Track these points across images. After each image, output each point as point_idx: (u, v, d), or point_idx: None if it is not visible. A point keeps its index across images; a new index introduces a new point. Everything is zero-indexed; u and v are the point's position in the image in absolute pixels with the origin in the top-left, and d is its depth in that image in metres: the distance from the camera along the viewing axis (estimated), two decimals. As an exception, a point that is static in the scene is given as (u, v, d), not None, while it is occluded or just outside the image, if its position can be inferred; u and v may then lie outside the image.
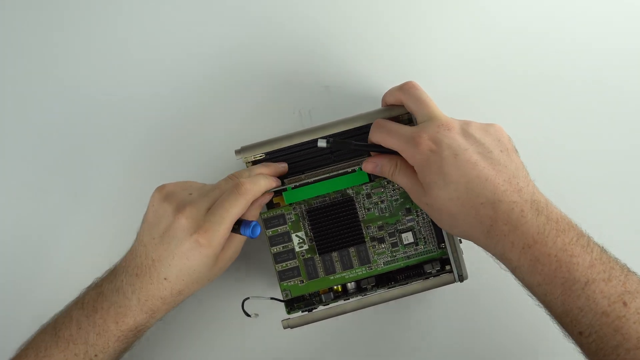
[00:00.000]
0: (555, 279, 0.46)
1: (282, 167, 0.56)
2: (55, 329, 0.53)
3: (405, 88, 0.54)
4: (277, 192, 0.57)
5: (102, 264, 0.56)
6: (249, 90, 0.63)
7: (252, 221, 0.53)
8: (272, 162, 0.57)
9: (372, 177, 0.56)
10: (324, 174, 0.56)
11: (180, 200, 0.52)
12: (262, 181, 0.54)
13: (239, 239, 0.54)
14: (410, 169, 0.52)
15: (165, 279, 0.51)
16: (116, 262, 0.55)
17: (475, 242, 0.50)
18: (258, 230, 0.52)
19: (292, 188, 0.56)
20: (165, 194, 0.53)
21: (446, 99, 0.61)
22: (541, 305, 0.49)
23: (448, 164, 0.48)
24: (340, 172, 0.56)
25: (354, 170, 0.56)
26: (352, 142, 0.54)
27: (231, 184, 0.53)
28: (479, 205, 0.48)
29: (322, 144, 0.54)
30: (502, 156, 0.49)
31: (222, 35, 0.63)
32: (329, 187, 0.56)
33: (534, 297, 0.49)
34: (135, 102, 0.63)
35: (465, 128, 0.50)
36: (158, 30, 0.64)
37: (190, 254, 0.51)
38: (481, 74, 0.63)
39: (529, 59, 0.63)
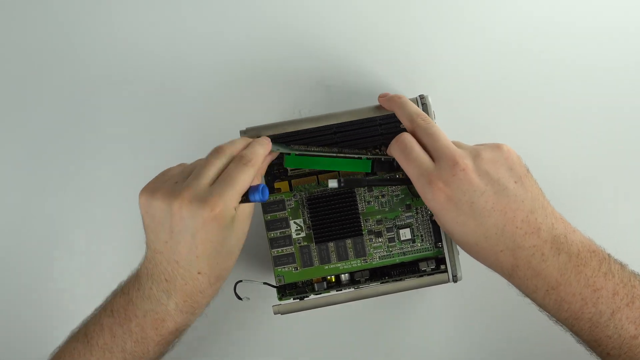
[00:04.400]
0: (582, 315, 0.47)
1: (268, 142, 0.54)
2: (87, 337, 0.52)
3: (416, 121, 0.52)
4: (279, 177, 0.57)
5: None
6: (249, 89, 0.63)
7: (260, 184, 0.50)
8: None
9: (374, 170, 0.56)
10: (331, 152, 0.55)
11: (168, 192, 0.49)
12: (260, 149, 0.52)
13: (249, 204, 0.52)
14: None
15: (198, 273, 0.49)
16: (137, 267, 0.53)
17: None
18: (267, 192, 0.50)
19: (296, 155, 0.55)
20: (149, 193, 0.49)
21: (447, 98, 0.61)
22: (567, 330, 0.50)
23: (464, 214, 0.48)
24: (347, 155, 0.55)
25: (360, 158, 0.55)
26: (364, 179, 0.54)
27: (230, 157, 0.51)
28: (498, 252, 0.48)
29: (333, 184, 0.53)
30: (518, 189, 0.48)
31: (222, 35, 0.63)
32: (330, 165, 0.55)
33: (559, 324, 0.50)
34: (136, 99, 0.64)
35: (478, 164, 0.48)
36: (156, 29, 0.63)
37: (209, 235, 0.48)
38: (481, 74, 0.63)
39: (529, 59, 0.63)
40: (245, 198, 0.50)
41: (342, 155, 0.55)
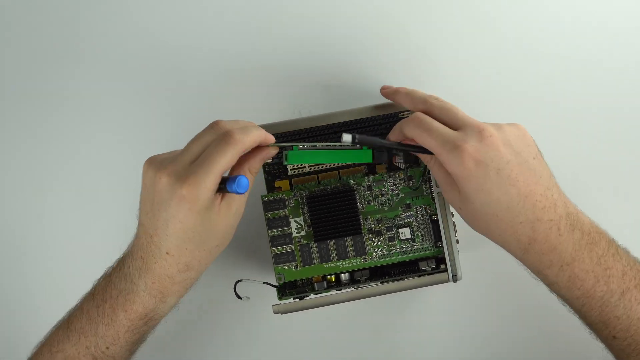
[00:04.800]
0: (594, 294, 0.48)
1: (272, 138, 0.52)
2: (67, 323, 0.52)
3: (429, 101, 0.51)
4: (280, 176, 0.57)
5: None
6: (249, 89, 0.63)
7: (238, 175, 0.48)
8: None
9: (374, 159, 0.54)
10: (330, 145, 0.54)
11: (160, 162, 0.48)
12: (255, 131, 0.49)
13: (238, 198, 0.50)
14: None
15: (167, 253, 0.48)
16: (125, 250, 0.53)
17: (508, 252, 0.50)
18: (244, 183, 0.47)
19: (300, 149, 0.52)
20: (149, 162, 0.49)
21: (447, 98, 0.61)
22: (573, 313, 0.50)
23: (490, 181, 0.47)
24: (348, 146, 0.53)
25: (360, 148, 0.53)
26: (379, 140, 0.51)
27: (218, 134, 0.48)
28: (517, 224, 0.48)
29: (347, 138, 0.49)
30: (536, 164, 0.48)
31: (222, 35, 0.63)
32: (331, 157, 0.53)
33: (567, 306, 0.50)
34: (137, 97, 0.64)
35: (502, 135, 0.48)
36: (156, 29, 0.64)
37: (180, 214, 0.46)
38: (482, 74, 0.63)
39: (529, 59, 0.63)
40: (223, 186, 0.48)
41: (342, 146, 0.53)
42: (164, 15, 0.64)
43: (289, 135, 0.56)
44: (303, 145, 0.52)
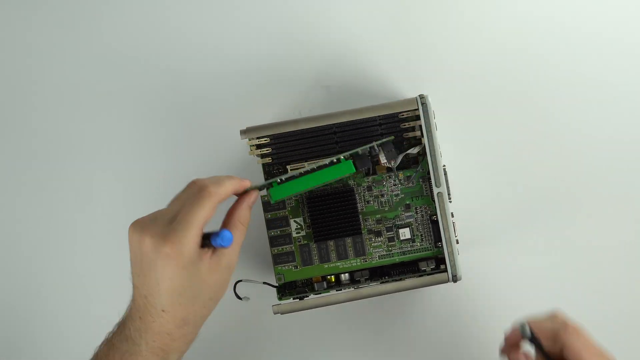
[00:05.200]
0: None
1: (247, 182, 0.53)
2: None
3: (567, 333, 0.50)
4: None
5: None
6: (249, 89, 0.63)
7: (223, 229, 0.50)
8: (275, 146, 0.57)
9: (357, 167, 0.54)
10: (309, 166, 0.54)
11: (142, 224, 0.49)
12: (227, 182, 0.50)
13: (227, 252, 0.51)
14: None
15: (162, 310, 0.48)
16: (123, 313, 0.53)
17: None
18: (227, 236, 0.49)
19: (278, 183, 0.53)
20: (133, 226, 0.49)
21: (447, 98, 0.61)
22: None
23: None
24: (326, 163, 0.54)
25: (338, 160, 0.53)
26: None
27: (194, 190, 0.50)
28: None
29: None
30: None
31: (221, 35, 0.64)
32: (315, 180, 0.53)
33: None
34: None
35: None
36: (157, 29, 0.64)
37: (167, 272, 0.47)
38: (482, 74, 0.63)
39: (529, 59, 0.63)
40: (208, 242, 0.49)
41: (321, 165, 0.53)
42: (164, 15, 0.64)
43: (289, 135, 0.56)
44: (281, 179, 0.53)
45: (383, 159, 0.55)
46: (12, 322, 0.64)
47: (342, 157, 0.53)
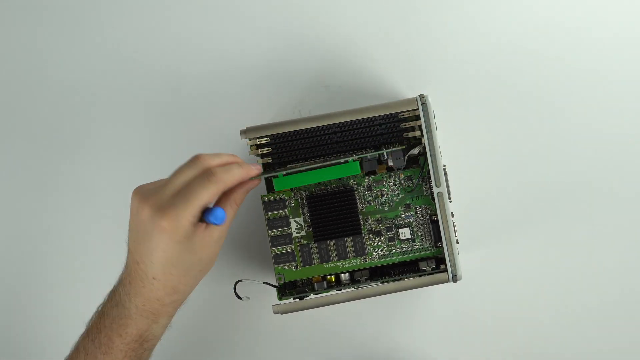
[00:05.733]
0: None
1: (256, 169, 0.53)
2: None
3: None
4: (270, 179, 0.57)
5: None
6: (249, 89, 0.63)
7: (215, 207, 0.50)
8: (275, 146, 0.56)
9: (363, 168, 0.56)
10: (316, 163, 0.55)
11: (144, 193, 0.50)
12: (237, 170, 0.51)
13: (219, 227, 0.51)
14: None
15: (153, 278, 0.50)
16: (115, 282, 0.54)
17: None
18: (220, 215, 0.50)
19: (284, 175, 0.55)
20: (135, 192, 0.51)
21: (447, 98, 0.61)
22: None
23: None
24: (333, 162, 0.55)
25: (346, 161, 0.55)
26: None
27: (201, 170, 0.50)
28: None
29: None
30: None
31: (222, 35, 0.64)
32: (321, 176, 0.55)
33: None
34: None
35: None
36: (157, 29, 0.64)
37: (161, 244, 0.48)
38: (482, 74, 0.63)
39: (529, 59, 0.63)
40: (202, 218, 0.50)
41: (327, 164, 0.55)
42: (164, 15, 0.64)
43: (289, 135, 0.56)
44: (287, 172, 0.54)
45: (390, 164, 0.56)
46: (12, 317, 0.65)
47: (350, 160, 0.55)
